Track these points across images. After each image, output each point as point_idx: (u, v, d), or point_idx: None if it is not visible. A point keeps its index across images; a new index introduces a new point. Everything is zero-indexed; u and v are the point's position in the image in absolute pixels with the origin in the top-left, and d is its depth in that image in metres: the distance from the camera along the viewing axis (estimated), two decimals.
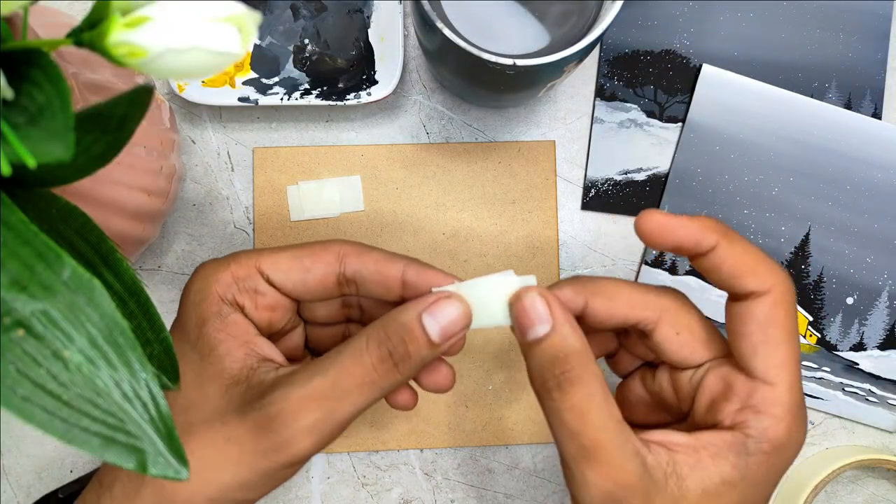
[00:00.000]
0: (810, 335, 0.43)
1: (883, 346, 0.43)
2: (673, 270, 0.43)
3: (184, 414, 0.29)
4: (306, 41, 0.41)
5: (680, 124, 0.43)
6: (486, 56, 0.31)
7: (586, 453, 0.27)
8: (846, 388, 0.44)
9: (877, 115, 0.44)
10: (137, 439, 0.20)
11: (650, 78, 0.43)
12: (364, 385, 0.28)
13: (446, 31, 0.31)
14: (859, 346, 0.43)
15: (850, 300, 0.43)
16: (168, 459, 0.20)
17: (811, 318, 0.43)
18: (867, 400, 0.44)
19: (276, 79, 0.41)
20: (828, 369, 0.43)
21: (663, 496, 0.26)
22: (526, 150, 0.43)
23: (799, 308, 0.43)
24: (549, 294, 0.28)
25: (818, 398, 0.44)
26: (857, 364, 0.43)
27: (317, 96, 0.41)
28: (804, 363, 0.43)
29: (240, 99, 0.40)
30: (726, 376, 0.29)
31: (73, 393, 0.19)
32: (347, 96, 0.41)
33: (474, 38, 0.34)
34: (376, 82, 0.41)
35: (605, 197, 0.43)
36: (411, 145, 0.43)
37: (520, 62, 0.31)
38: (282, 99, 0.41)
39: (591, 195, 0.43)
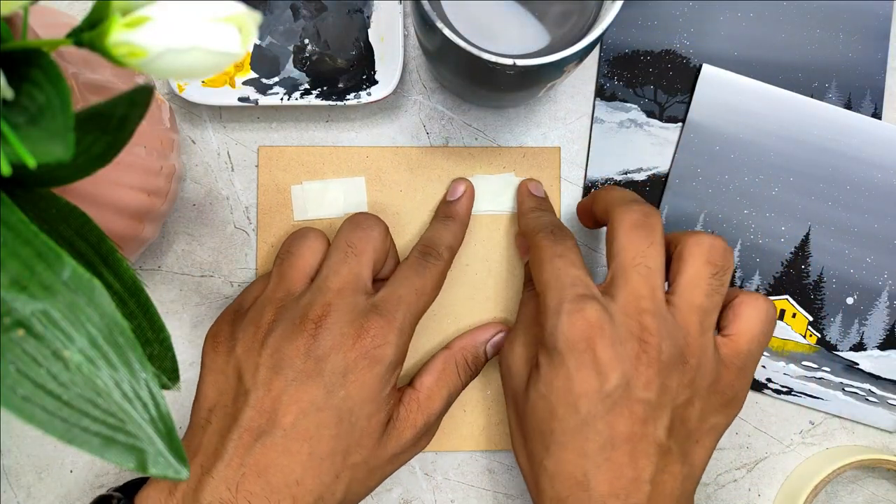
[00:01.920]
0: (810, 335, 0.43)
1: (883, 346, 0.43)
2: None
3: None
4: (306, 41, 0.41)
5: (680, 124, 0.43)
6: (486, 56, 0.31)
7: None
8: (846, 388, 0.44)
9: (877, 115, 0.44)
10: (137, 439, 0.20)
11: (650, 78, 0.43)
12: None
13: (446, 31, 0.31)
14: (859, 346, 0.43)
15: (850, 300, 0.43)
16: (168, 459, 0.20)
17: (811, 318, 0.43)
18: (867, 400, 0.44)
19: (276, 79, 0.41)
20: (828, 369, 0.43)
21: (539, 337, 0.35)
22: (531, 156, 0.43)
23: (799, 308, 0.43)
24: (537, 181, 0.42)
25: (818, 398, 0.44)
26: (857, 364, 0.43)
27: (317, 96, 0.41)
28: (804, 363, 0.43)
29: (240, 99, 0.40)
30: None
31: (73, 393, 0.19)
32: (347, 96, 0.41)
33: (474, 38, 0.34)
34: (376, 82, 0.41)
35: None
36: (416, 148, 0.43)
37: (520, 62, 0.31)
38: (282, 99, 0.41)
39: None
